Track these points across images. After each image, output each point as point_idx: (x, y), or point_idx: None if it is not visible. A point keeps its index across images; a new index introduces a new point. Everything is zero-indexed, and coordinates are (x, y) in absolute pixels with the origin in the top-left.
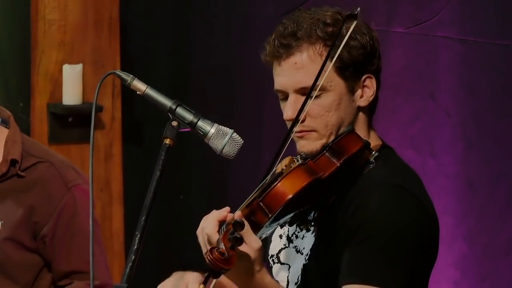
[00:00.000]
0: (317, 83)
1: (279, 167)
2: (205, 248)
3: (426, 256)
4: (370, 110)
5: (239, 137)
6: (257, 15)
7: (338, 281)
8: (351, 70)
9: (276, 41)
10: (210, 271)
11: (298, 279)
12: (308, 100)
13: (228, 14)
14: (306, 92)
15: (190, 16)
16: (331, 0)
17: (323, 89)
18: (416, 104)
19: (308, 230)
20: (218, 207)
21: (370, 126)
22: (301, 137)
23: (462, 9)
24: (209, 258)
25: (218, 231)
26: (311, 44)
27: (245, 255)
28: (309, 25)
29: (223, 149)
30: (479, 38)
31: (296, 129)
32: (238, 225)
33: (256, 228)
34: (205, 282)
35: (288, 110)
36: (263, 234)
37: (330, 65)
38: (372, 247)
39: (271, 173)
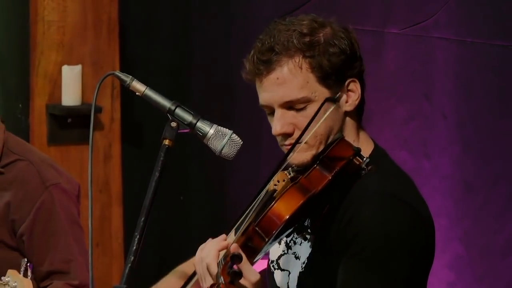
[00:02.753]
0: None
1: (271, 183)
2: (203, 280)
3: (422, 262)
4: (357, 113)
5: (238, 138)
6: (257, 15)
7: None
8: (333, 78)
9: (255, 58)
10: None
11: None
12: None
13: (228, 14)
14: (292, 106)
15: (190, 17)
16: (329, 2)
17: (308, 101)
18: (410, 105)
19: (305, 239)
20: (218, 208)
21: (359, 129)
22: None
23: (458, 10)
24: None
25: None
26: (290, 57)
27: None
28: (286, 37)
29: (222, 150)
30: (475, 39)
31: (285, 142)
32: (236, 258)
33: (254, 253)
34: None
35: (277, 125)
36: (262, 254)
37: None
38: (366, 259)
39: (265, 191)
